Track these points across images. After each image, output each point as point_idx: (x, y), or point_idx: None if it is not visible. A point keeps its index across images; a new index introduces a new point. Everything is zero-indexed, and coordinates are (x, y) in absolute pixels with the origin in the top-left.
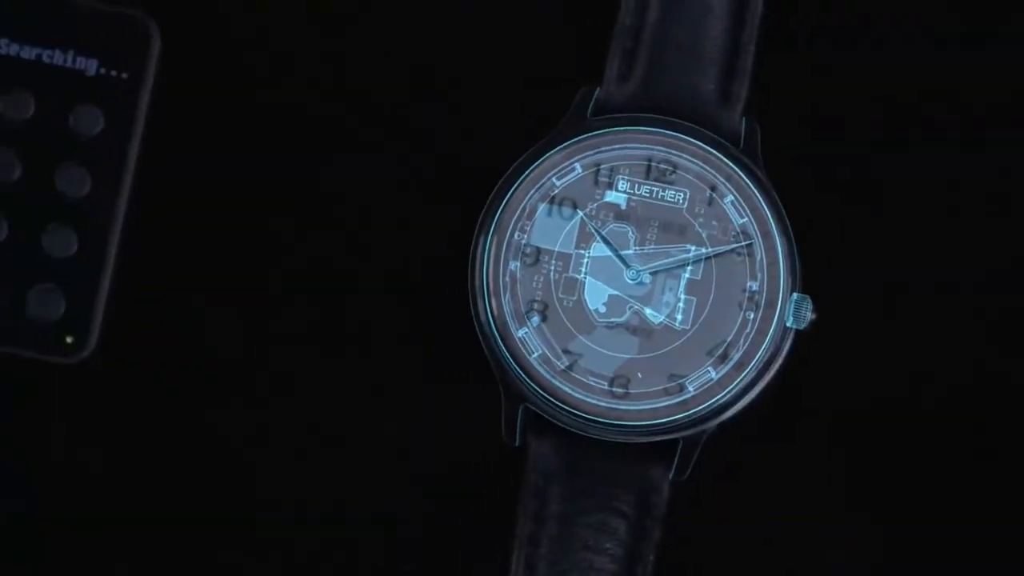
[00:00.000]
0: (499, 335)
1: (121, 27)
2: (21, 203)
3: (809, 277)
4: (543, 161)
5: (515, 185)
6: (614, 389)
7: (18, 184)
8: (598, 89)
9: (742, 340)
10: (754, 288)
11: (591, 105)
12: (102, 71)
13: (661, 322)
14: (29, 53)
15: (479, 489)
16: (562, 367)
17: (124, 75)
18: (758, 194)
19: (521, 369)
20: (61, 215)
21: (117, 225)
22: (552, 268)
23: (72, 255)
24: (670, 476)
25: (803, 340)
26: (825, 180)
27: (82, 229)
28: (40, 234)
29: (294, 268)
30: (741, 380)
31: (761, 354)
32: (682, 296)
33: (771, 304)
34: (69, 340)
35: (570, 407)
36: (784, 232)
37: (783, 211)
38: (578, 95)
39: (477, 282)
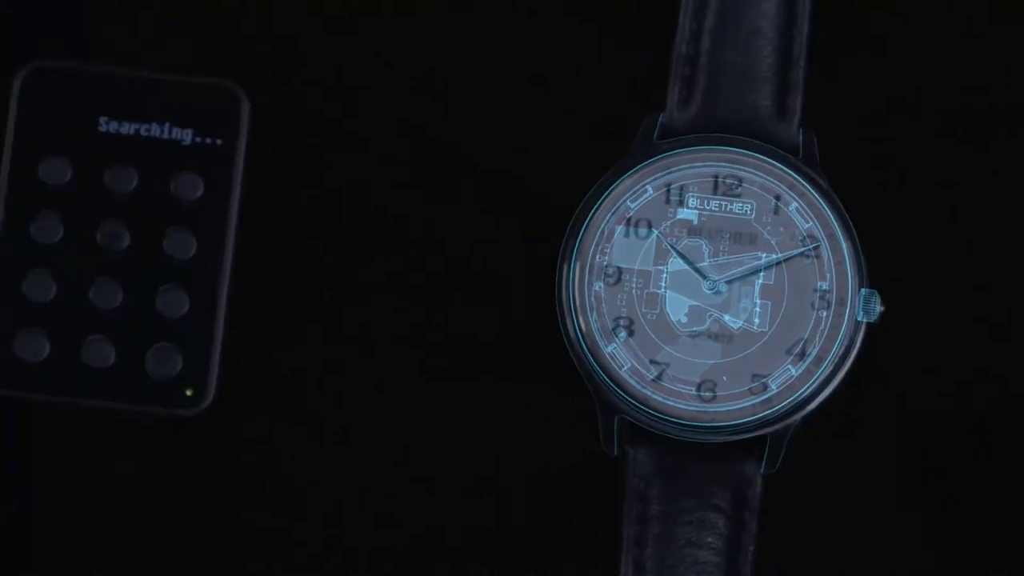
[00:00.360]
0: (590, 352)
1: (211, 96)
2: (133, 269)
3: (874, 273)
4: (617, 186)
5: (592, 211)
6: (702, 393)
7: (129, 251)
8: (662, 115)
9: (817, 337)
10: (824, 287)
11: (656, 130)
12: (197, 139)
13: (740, 327)
14: (128, 129)
15: (581, 497)
16: (651, 377)
17: (218, 141)
18: (820, 199)
19: (613, 383)
20: (171, 277)
21: (224, 282)
22: (634, 285)
23: (185, 313)
24: (762, 470)
25: (872, 335)
26: (882, 181)
27: (192, 288)
28: (154, 297)
29: (389, 304)
30: (820, 375)
31: (836, 348)
32: (757, 301)
33: (841, 301)
34: (189, 393)
35: (662, 414)
36: (848, 233)
37: (845, 213)
38: (644, 122)
39: (565, 304)
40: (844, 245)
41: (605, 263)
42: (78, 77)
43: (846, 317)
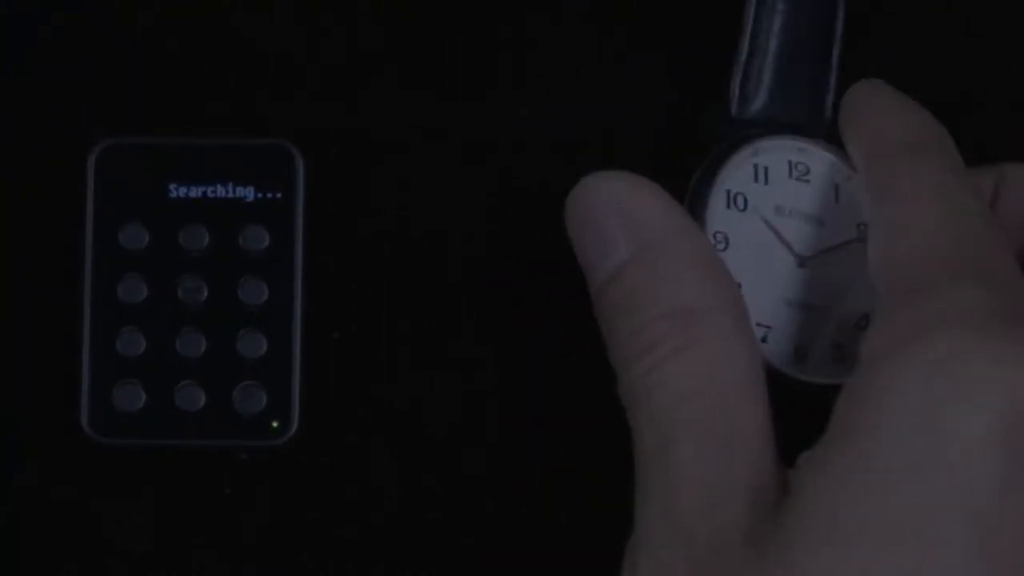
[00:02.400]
0: None
1: (268, 156)
2: (213, 318)
3: None
4: (725, 167)
5: (711, 187)
6: (797, 360)
7: (207, 302)
8: (729, 108)
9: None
10: None
11: (729, 121)
12: (259, 195)
13: (822, 300)
14: (195, 192)
15: None
16: (760, 338)
17: (278, 195)
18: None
19: None
20: (248, 322)
21: (297, 321)
22: (739, 252)
23: (264, 354)
24: None
25: None
26: None
27: (268, 330)
28: (234, 341)
29: (459, 319)
30: None
31: None
32: (832, 277)
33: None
34: (275, 425)
35: (775, 369)
36: None
37: None
38: (714, 112)
39: None
40: None
41: (716, 230)
42: (146, 150)
43: None
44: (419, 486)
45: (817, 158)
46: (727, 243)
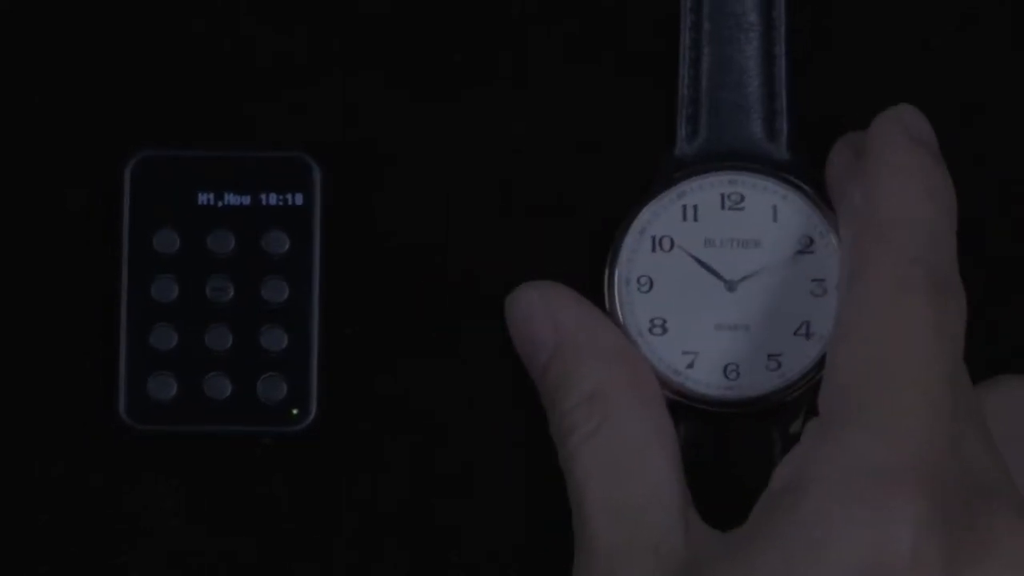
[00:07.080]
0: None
1: (288, 166)
2: (238, 315)
3: None
4: (643, 211)
5: (626, 234)
6: (728, 375)
7: (233, 301)
8: (674, 148)
9: (819, 317)
10: (821, 276)
11: (672, 161)
12: (280, 202)
13: (754, 316)
14: (222, 200)
15: None
16: (685, 365)
17: (298, 202)
18: (809, 204)
19: (656, 372)
20: (270, 318)
21: (315, 318)
22: (664, 290)
23: (285, 347)
24: (790, 429)
25: None
26: None
27: (289, 326)
28: (258, 336)
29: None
30: (823, 348)
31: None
32: (766, 293)
33: (837, 286)
34: (295, 412)
35: (699, 394)
36: (835, 230)
37: (831, 213)
38: (664, 156)
39: (609, 310)
40: (833, 240)
41: (639, 275)
42: (177, 161)
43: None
44: (428, 473)
45: (750, 186)
46: (651, 284)
